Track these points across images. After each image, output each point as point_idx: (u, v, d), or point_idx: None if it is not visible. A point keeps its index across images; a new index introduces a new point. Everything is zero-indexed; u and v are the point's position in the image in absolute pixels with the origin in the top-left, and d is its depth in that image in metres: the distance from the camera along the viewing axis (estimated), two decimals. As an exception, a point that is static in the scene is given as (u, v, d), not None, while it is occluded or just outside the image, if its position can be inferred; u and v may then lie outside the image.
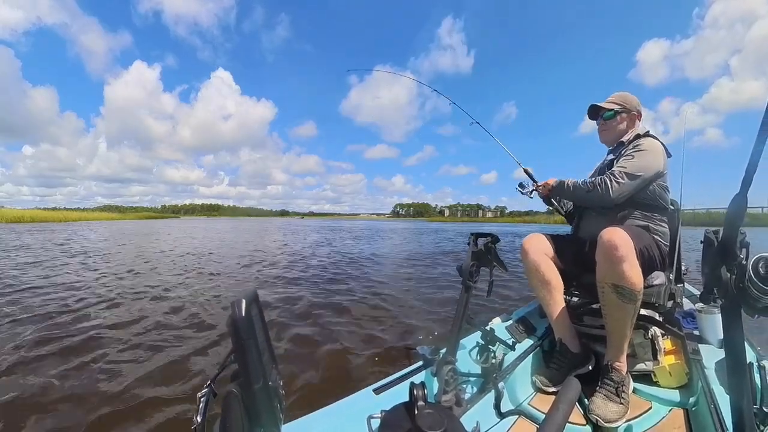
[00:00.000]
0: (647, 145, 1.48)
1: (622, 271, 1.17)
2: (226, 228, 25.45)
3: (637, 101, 1.66)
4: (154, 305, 3.65)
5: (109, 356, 2.35)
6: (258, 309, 0.53)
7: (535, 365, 1.49)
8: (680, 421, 1.15)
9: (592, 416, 1.14)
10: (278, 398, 0.54)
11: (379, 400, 1.01)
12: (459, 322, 1.14)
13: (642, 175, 1.43)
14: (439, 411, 0.60)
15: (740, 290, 0.60)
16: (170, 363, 2.28)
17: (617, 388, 1.19)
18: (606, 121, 1.68)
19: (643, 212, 1.49)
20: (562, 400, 0.71)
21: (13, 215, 34.84)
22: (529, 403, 1.28)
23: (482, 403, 1.21)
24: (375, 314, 3.47)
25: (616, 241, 1.17)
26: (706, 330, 1.43)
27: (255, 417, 0.48)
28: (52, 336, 2.66)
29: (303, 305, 3.74)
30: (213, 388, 0.52)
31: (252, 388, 0.47)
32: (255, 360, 0.47)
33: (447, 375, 1.05)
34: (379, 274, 6.02)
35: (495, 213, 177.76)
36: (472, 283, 1.15)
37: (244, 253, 8.75)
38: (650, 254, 1.38)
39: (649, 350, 1.39)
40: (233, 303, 0.47)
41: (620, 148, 1.61)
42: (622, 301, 1.19)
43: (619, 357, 1.25)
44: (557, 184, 1.68)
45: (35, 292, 4.04)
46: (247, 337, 0.47)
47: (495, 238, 1.21)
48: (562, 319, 1.45)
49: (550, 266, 1.50)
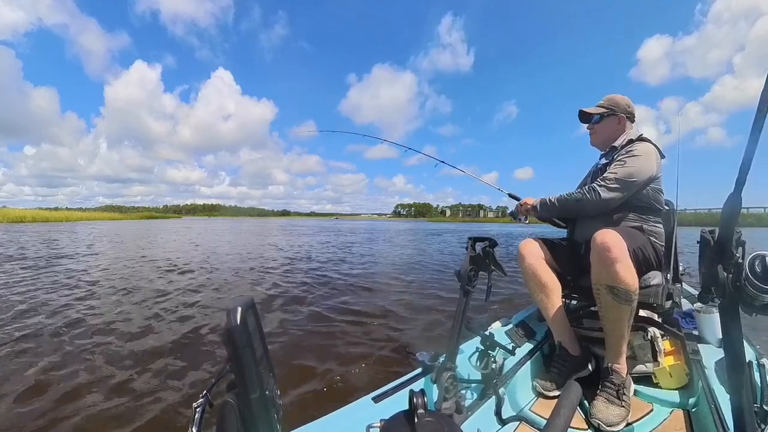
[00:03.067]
0: (640, 149, 1.49)
1: (616, 272, 1.17)
2: (225, 228, 25.36)
3: (628, 102, 1.66)
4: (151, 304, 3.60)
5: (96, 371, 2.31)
6: (255, 316, 0.53)
7: (536, 369, 1.48)
8: (681, 423, 1.15)
9: (594, 420, 1.13)
10: (275, 408, 0.53)
11: (378, 408, 1.00)
12: (458, 328, 1.13)
13: (635, 180, 1.44)
14: (439, 419, 0.59)
15: (737, 289, 0.60)
16: (164, 373, 2.24)
17: (618, 390, 1.18)
18: (594, 126, 1.71)
19: (638, 214, 1.50)
20: (563, 405, 0.71)
21: (14, 215, 34.54)
22: (530, 408, 1.27)
23: (483, 409, 1.20)
24: (374, 320, 3.44)
25: (608, 243, 1.18)
26: (705, 330, 1.43)
27: (251, 427, 0.48)
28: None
29: (300, 311, 3.71)
30: (209, 398, 0.51)
31: (248, 397, 0.47)
32: (251, 369, 0.47)
33: (447, 382, 1.04)
34: (378, 276, 5.99)
35: (496, 213, 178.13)
36: (471, 288, 1.15)
37: (242, 254, 8.68)
38: (645, 254, 1.39)
39: (649, 351, 1.39)
40: (228, 311, 0.46)
41: (613, 152, 1.61)
42: (618, 302, 1.19)
43: (619, 359, 1.25)
44: (539, 204, 1.64)
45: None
46: (243, 345, 0.46)
47: (493, 242, 1.21)
48: (560, 323, 1.45)
49: (546, 270, 1.50)
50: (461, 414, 1.07)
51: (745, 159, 0.54)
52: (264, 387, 0.48)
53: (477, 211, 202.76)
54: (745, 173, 0.55)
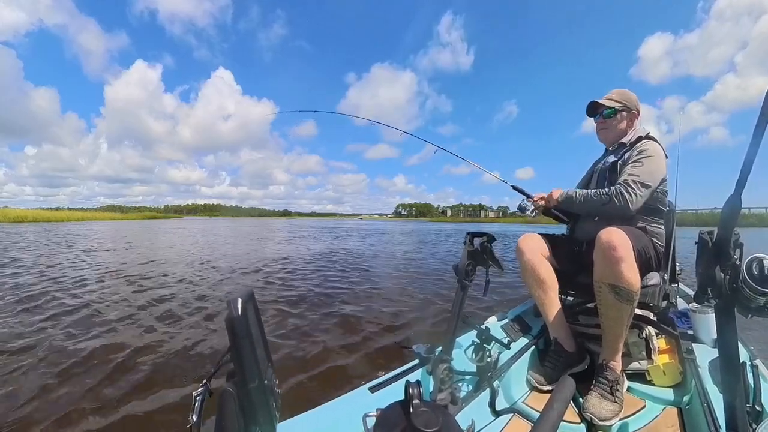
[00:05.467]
0: (653, 150, 1.45)
1: (620, 272, 1.17)
2: (223, 228, 25.22)
3: (637, 99, 1.63)
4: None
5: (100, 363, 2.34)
6: (254, 308, 0.53)
7: (531, 364, 1.50)
8: (674, 420, 1.16)
9: (587, 414, 1.15)
10: (274, 397, 0.53)
11: (375, 398, 1.01)
12: (454, 321, 1.14)
13: (652, 183, 1.41)
14: (434, 409, 0.60)
15: (734, 290, 0.60)
16: (166, 360, 2.27)
17: (612, 386, 1.20)
18: (606, 120, 1.64)
19: (642, 214, 1.48)
20: (556, 399, 0.72)
21: (15, 215, 34.54)
22: (524, 401, 1.29)
23: (477, 401, 1.21)
24: (371, 313, 3.47)
25: (614, 242, 1.17)
26: (700, 329, 1.44)
27: (251, 415, 0.48)
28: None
29: (298, 304, 3.74)
30: (209, 387, 0.52)
31: (247, 386, 0.47)
32: (250, 359, 0.47)
33: (442, 373, 1.06)
34: (375, 273, 6.02)
35: (497, 213, 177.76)
36: (468, 283, 1.15)
37: (239, 253, 8.71)
38: (647, 255, 1.38)
39: (644, 349, 1.40)
40: (229, 302, 0.46)
41: (621, 149, 1.57)
42: (619, 301, 1.19)
43: (614, 356, 1.26)
44: (564, 198, 1.58)
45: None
46: (242, 336, 0.47)
47: (491, 237, 1.21)
48: (557, 318, 1.45)
49: (545, 265, 1.51)
50: (456, 405, 1.09)
51: (747, 161, 0.54)
52: (263, 376, 0.49)
53: (478, 211, 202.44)
54: (745, 175, 0.54)
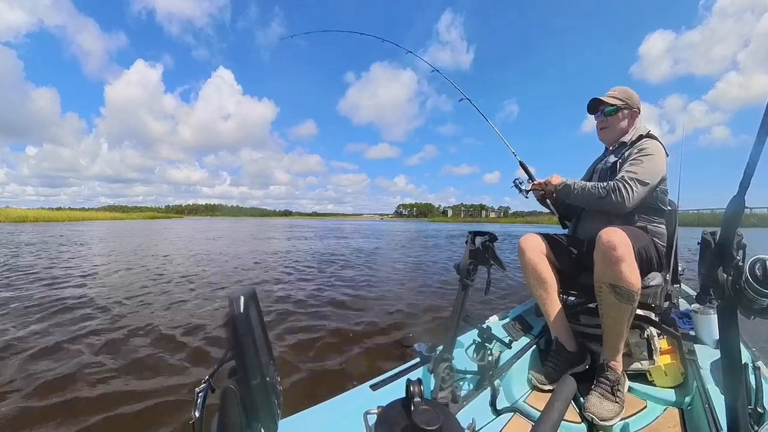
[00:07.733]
0: (653, 148, 1.44)
1: (620, 272, 1.17)
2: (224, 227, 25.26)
3: (638, 97, 1.61)
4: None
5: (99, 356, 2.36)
6: (256, 306, 0.53)
7: (532, 363, 1.50)
8: (675, 420, 1.16)
9: (588, 414, 1.15)
10: (276, 394, 0.54)
11: (376, 396, 1.02)
12: (456, 320, 1.14)
13: (651, 182, 1.40)
14: (435, 407, 0.60)
15: (737, 291, 0.60)
16: (168, 360, 2.28)
17: (613, 386, 1.20)
18: (607, 117, 1.62)
19: (643, 214, 1.48)
20: (557, 398, 0.72)
21: (17, 215, 34.74)
22: (524, 400, 1.29)
23: (478, 400, 1.22)
24: (372, 312, 3.48)
25: (614, 242, 1.17)
26: (702, 330, 1.44)
27: (252, 412, 0.49)
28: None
29: (300, 303, 3.74)
30: (211, 384, 0.52)
31: (249, 383, 0.47)
32: (252, 356, 0.47)
33: (443, 372, 1.06)
34: (376, 271, 6.02)
35: (498, 213, 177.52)
36: (470, 282, 1.15)
37: (240, 253, 8.74)
38: (648, 255, 1.37)
39: (645, 350, 1.39)
40: (231, 300, 0.47)
41: (622, 148, 1.56)
42: (620, 302, 1.19)
43: (615, 356, 1.26)
44: (562, 186, 1.58)
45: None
46: (244, 333, 0.47)
47: (493, 237, 1.21)
48: (558, 318, 1.45)
49: (546, 265, 1.50)
50: (457, 403, 1.09)
51: (750, 162, 0.53)
52: (264, 374, 0.49)
53: (479, 211, 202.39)
54: (749, 176, 0.54)
